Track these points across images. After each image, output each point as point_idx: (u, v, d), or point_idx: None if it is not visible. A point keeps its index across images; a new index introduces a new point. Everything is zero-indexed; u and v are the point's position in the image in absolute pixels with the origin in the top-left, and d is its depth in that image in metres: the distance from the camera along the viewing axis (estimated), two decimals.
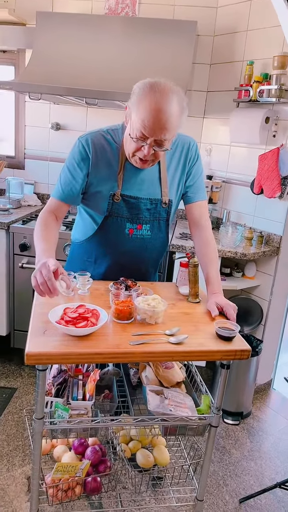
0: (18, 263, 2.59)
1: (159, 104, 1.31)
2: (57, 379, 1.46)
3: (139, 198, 1.54)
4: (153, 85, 1.33)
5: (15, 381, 2.65)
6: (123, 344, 1.18)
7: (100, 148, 1.50)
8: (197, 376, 1.56)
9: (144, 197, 1.55)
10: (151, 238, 1.60)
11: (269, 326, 2.70)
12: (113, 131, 1.53)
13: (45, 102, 3.01)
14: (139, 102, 1.33)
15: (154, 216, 1.58)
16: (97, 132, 1.52)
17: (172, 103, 1.32)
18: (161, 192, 1.57)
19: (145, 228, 1.58)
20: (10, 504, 1.81)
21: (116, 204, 1.53)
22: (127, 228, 1.56)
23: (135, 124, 1.35)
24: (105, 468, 1.52)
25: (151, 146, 1.37)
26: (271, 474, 2.14)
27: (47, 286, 1.22)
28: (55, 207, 1.55)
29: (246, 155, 2.73)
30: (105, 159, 1.50)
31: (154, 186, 1.56)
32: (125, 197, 1.53)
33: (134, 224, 1.56)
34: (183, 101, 1.37)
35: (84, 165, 1.50)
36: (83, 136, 1.51)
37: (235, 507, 1.93)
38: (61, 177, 1.54)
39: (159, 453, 1.59)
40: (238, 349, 1.24)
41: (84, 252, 1.65)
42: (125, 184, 1.53)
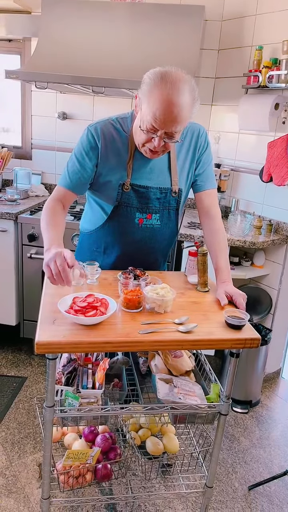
0: (27, 253, 2.60)
1: (170, 96, 1.27)
2: (67, 368, 1.47)
3: (148, 187, 1.53)
4: (164, 75, 1.30)
5: (25, 370, 2.68)
6: (132, 333, 1.18)
7: (109, 137, 1.48)
8: (206, 365, 1.56)
9: (154, 186, 1.54)
10: (160, 227, 1.59)
11: (278, 315, 2.69)
12: (122, 119, 1.51)
13: (51, 91, 2.99)
14: (150, 93, 1.30)
15: (164, 206, 1.57)
16: (106, 121, 1.50)
17: (184, 94, 1.29)
18: (171, 181, 1.56)
19: (154, 218, 1.57)
20: (22, 491, 1.84)
21: (126, 194, 1.52)
22: (137, 217, 1.55)
23: (145, 116, 1.33)
24: (115, 456, 1.54)
25: (161, 138, 1.35)
26: (280, 461, 2.15)
27: (61, 276, 1.22)
28: (62, 196, 1.54)
29: (255, 143, 2.69)
30: (114, 148, 1.49)
31: (163, 175, 1.55)
32: (135, 187, 1.52)
33: (144, 214, 1.55)
34: (195, 91, 1.34)
35: (93, 155, 1.48)
36: (92, 125, 1.50)
37: (244, 494, 1.94)
38: (69, 165, 1.52)
39: (168, 441, 1.61)
40: (247, 338, 1.23)
41: (93, 242, 1.65)
42: (134, 173, 1.51)
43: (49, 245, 1.34)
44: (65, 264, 1.22)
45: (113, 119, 1.51)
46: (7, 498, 1.81)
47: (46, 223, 1.45)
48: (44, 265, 1.25)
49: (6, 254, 2.63)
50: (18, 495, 1.82)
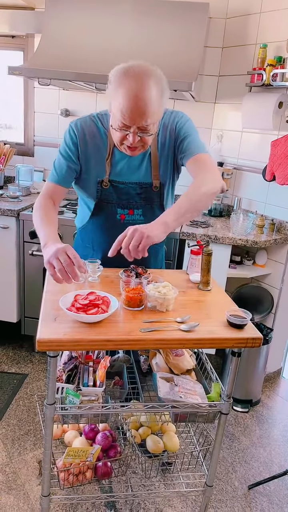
0: (28, 250, 2.60)
1: (135, 91, 1.26)
2: (68, 366, 1.47)
3: (128, 183, 1.52)
4: (127, 71, 1.29)
5: (26, 367, 2.68)
6: (134, 331, 1.18)
7: (89, 133, 1.49)
8: (207, 364, 1.56)
9: (133, 181, 1.53)
10: (144, 223, 1.45)
11: (280, 315, 2.68)
12: (102, 115, 1.52)
13: (54, 88, 2.98)
14: (115, 91, 1.29)
15: (146, 201, 1.56)
16: (87, 117, 1.52)
17: (149, 87, 1.27)
18: (152, 176, 1.54)
19: (137, 213, 1.56)
20: (21, 487, 1.84)
21: (105, 190, 1.52)
22: (119, 213, 1.55)
23: (115, 114, 1.33)
24: (115, 453, 1.54)
25: (135, 134, 1.34)
26: (280, 461, 2.14)
27: (65, 272, 1.21)
28: (51, 191, 1.55)
29: (258, 141, 2.68)
30: (94, 144, 1.50)
31: (144, 170, 1.53)
32: (114, 183, 1.52)
33: (126, 210, 1.55)
34: (162, 81, 1.32)
35: (75, 149, 1.50)
36: (73, 121, 1.52)
37: (244, 493, 1.94)
38: (55, 162, 1.55)
39: (168, 439, 1.60)
40: (249, 337, 1.23)
41: (84, 238, 1.66)
42: (113, 169, 1.51)
43: (45, 241, 1.32)
44: (68, 260, 1.20)
45: (93, 115, 1.53)
46: (7, 495, 1.81)
47: (40, 219, 1.45)
48: (45, 263, 1.24)
49: (8, 251, 2.63)
50: (18, 492, 1.82)
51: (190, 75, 2.31)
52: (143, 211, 1.57)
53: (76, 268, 1.21)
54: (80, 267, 1.22)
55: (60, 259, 1.21)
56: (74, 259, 1.21)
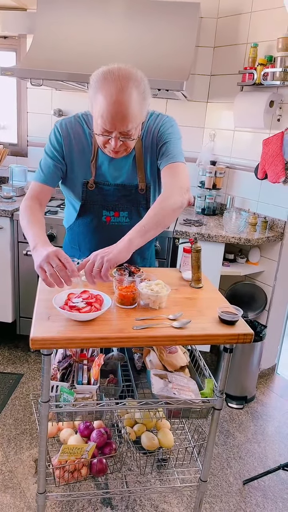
0: (23, 250, 2.61)
1: (114, 96, 1.24)
2: (62, 364, 1.48)
3: (113, 185, 1.52)
4: (106, 76, 1.27)
5: (21, 367, 2.69)
6: (127, 328, 1.20)
7: (74, 133, 1.48)
8: (200, 361, 1.57)
9: (119, 183, 1.52)
10: (130, 225, 1.44)
11: (273, 312, 2.71)
12: (87, 116, 1.51)
13: (47, 88, 2.99)
14: (95, 96, 1.29)
15: (132, 203, 1.55)
16: (72, 117, 1.51)
17: (128, 91, 1.25)
18: (138, 178, 1.53)
19: (122, 215, 1.56)
20: (18, 486, 1.85)
21: (91, 192, 1.52)
22: (104, 215, 1.55)
23: (96, 119, 1.33)
24: (110, 450, 1.55)
25: (117, 139, 1.33)
26: (275, 456, 2.17)
27: (57, 277, 1.18)
28: (38, 192, 1.52)
29: (250, 140, 2.70)
30: (78, 145, 1.49)
31: (129, 172, 1.52)
32: (99, 185, 1.51)
33: (111, 212, 1.54)
34: (142, 84, 1.30)
35: (60, 148, 1.49)
36: (58, 121, 1.51)
37: (239, 488, 1.96)
38: (41, 162, 1.53)
39: (163, 436, 1.62)
40: (241, 333, 1.25)
41: (71, 239, 1.66)
42: (98, 171, 1.51)
43: (34, 243, 1.29)
44: (60, 264, 1.18)
45: (79, 115, 1.52)
46: (4, 493, 1.82)
47: (27, 221, 1.42)
48: (36, 267, 1.21)
49: (2, 251, 2.64)
50: (14, 490, 1.83)
51: (182, 75, 2.32)
52: (128, 213, 1.56)
53: (68, 272, 1.19)
54: (73, 271, 1.20)
55: (51, 263, 1.18)
56: (67, 263, 1.19)
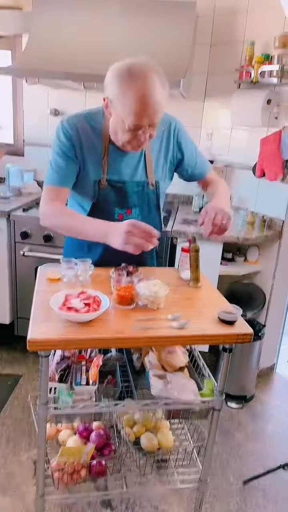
0: (20, 251, 2.59)
1: (144, 90, 1.27)
2: (60, 365, 1.47)
3: (125, 182, 1.52)
4: (130, 71, 1.28)
5: (20, 368, 2.68)
6: (126, 329, 1.18)
7: (82, 131, 1.47)
8: (199, 361, 1.56)
9: (130, 180, 1.53)
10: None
11: (272, 311, 2.70)
12: (94, 114, 1.50)
13: (43, 87, 2.97)
14: (122, 94, 1.29)
15: (143, 199, 1.56)
16: (79, 115, 1.49)
17: (155, 83, 1.28)
18: (147, 174, 1.54)
19: (134, 212, 1.56)
20: (17, 488, 1.84)
21: (103, 190, 1.51)
22: (116, 213, 1.54)
23: (125, 117, 1.32)
24: (109, 452, 1.54)
25: (147, 132, 1.35)
26: (275, 455, 2.16)
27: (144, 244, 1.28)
28: (56, 195, 1.49)
29: (248, 139, 2.69)
30: (89, 143, 1.47)
31: (139, 168, 1.54)
32: (112, 182, 1.51)
33: (123, 209, 1.54)
34: (161, 73, 1.33)
35: (71, 146, 1.47)
36: (64, 119, 1.48)
37: (239, 488, 1.95)
38: (52, 164, 1.50)
39: (163, 437, 1.61)
40: (240, 333, 1.24)
41: (75, 240, 1.61)
42: (110, 169, 1.50)
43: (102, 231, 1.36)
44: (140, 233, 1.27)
45: (85, 113, 1.50)
46: (3, 496, 1.81)
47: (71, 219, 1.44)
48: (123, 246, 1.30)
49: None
50: (13, 493, 1.82)
51: (179, 73, 2.31)
52: (140, 210, 1.57)
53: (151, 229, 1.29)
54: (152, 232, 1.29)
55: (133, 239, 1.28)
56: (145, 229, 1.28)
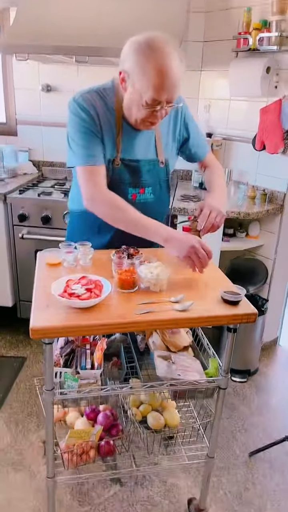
0: (18, 234, 2.56)
1: (165, 65, 1.24)
2: (65, 350, 1.47)
3: (139, 161, 1.49)
4: (150, 44, 1.25)
5: (24, 351, 2.69)
6: (129, 313, 1.17)
7: (99, 108, 1.41)
8: (203, 340, 1.56)
9: (143, 158, 1.50)
10: (154, 201, 1.56)
11: (274, 285, 2.69)
12: (105, 90, 1.43)
13: (33, 63, 2.86)
14: (142, 68, 1.25)
15: (155, 178, 1.54)
16: (91, 91, 1.42)
17: (175, 58, 1.26)
18: (157, 152, 1.53)
19: (147, 192, 1.53)
20: (28, 468, 1.88)
21: (117, 169, 1.47)
22: (130, 193, 1.51)
23: (143, 91, 1.28)
24: (117, 432, 1.56)
25: (164, 108, 1.32)
26: (279, 428, 2.20)
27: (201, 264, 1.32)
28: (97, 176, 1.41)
29: (247, 110, 2.61)
30: (105, 120, 1.42)
31: (150, 146, 1.52)
32: (126, 161, 1.47)
33: (137, 188, 1.51)
34: (180, 51, 1.30)
35: (93, 122, 1.40)
36: (78, 96, 1.41)
37: (245, 460, 1.99)
38: (79, 143, 1.40)
39: (169, 415, 1.62)
40: (244, 313, 1.23)
41: (85, 222, 1.57)
42: (124, 147, 1.46)
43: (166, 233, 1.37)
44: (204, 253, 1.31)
45: (96, 89, 1.43)
46: (15, 474, 1.84)
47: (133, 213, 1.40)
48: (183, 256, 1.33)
49: None
50: (24, 473, 1.86)
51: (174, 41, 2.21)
52: (152, 188, 1.55)
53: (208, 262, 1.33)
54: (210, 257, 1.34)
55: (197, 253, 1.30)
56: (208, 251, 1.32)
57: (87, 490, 1.79)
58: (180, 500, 1.78)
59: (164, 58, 1.24)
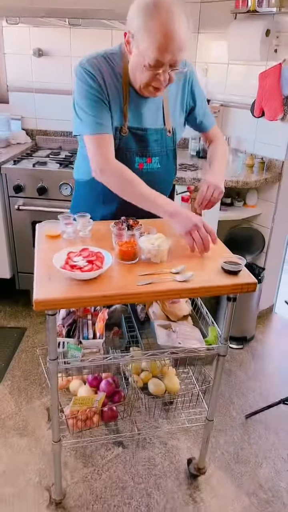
0: (14, 205, 2.53)
1: (170, 25, 1.20)
2: (67, 320, 1.49)
3: (146, 129, 1.47)
4: (156, 4, 1.20)
5: (24, 321, 2.73)
6: (130, 285, 1.18)
7: (106, 74, 1.37)
8: (202, 308, 1.59)
9: (150, 127, 1.48)
10: (160, 170, 1.55)
11: (271, 253, 2.71)
12: (112, 55, 1.39)
13: (24, 26, 2.75)
14: (147, 27, 1.21)
15: (162, 147, 1.52)
16: (98, 56, 1.37)
17: (182, 19, 1.22)
18: (164, 121, 1.50)
19: (154, 161, 1.52)
20: (32, 433, 1.95)
21: (124, 138, 1.44)
22: (137, 162, 1.49)
23: (147, 52, 1.24)
24: (119, 398, 1.61)
25: (167, 72, 1.28)
26: (275, 391, 2.27)
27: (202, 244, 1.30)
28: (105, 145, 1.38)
29: (246, 74, 2.55)
30: (112, 87, 1.38)
31: (157, 115, 1.49)
32: (133, 130, 1.45)
33: (144, 158, 1.49)
34: (188, 14, 1.26)
35: (100, 89, 1.36)
36: (84, 61, 1.36)
37: (242, 422, 2.07)
38: (86, 111, 1.37)
39: (169, 381, 1.68)
40: (244, 283, 1.24)
41: (91, 191, 1.56)
42: (131, 115, 1.43)
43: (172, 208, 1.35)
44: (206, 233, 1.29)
45: (103, 54, 1.38)
46: (20, 438, 1.91)
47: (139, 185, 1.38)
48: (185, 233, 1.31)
49: None
50: (29, 438, 1.92)
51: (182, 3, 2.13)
52: (159, 158, 1.53)
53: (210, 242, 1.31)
54: (214, 240, 1.33)
55: (199, 231, 1.29)
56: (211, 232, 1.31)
57: (90, 452, 1.86)
58: (180, 460, 1.86)
59: (170, 18, 1.20)
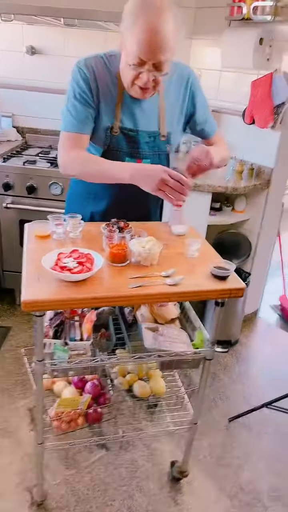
0: (2, 203, 2.50)
1: (153, 24, 1.21)
2: (54, 321, 1.48)
3: (138, 131, 1.47)
4: (144, 3, 1.22)
5: (8, 320, 2.69)
6: (120, 287, 1.18)
7: (99, 74, 1.39)
8: (190, 312, 1.60)
9: (143, 129, 1.48)
10: None
11: (258, 259, 2.74)
12: (110, 56, 1.42)
13: (17, 23, 2.72)
14: (132, 25, 1.22)
15: (154, 150, 1.52)
16: (96, 57, 1.41)
17: (167, 20, 1.22)
18: (159, 125, 1.50)
19: (145, 163, 1.52)
20: (14, 435, 1.92)
21: (115, 137, 1.46)
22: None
23: (130, 49, 1.25)
24: (104, 400, 1.60)
25: (149, 72, 1.29)
26: (258, 395, 2.29)
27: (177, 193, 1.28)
28: (74, 143, 1.42)
29: (238, 81, 2.57)
30: (104, 87, 1.41)
31: (152, 118, 1.49)
32: (124, 130, 1.46)
33: (133, 159, 1.50)
34: (178, 17, 1.27)
35: (89, 91, 1.39)
36: (82, 61, 1.40)
37: (225, 425, 2.09)
38: (69, 109, 1.42)
39: (155, 384, 1.68)
40: (233, 288, 1.26)
41: (83, 188, 1.58)
42: (124, 116, 1.45)
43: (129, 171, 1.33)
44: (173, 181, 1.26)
45: (101, 55, 1.42)
46: (2, 438, 1.89)
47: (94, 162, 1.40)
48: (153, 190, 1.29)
49: None
50: (11, 439, 1.90)
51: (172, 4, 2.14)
52: (151, 161, 1.53)
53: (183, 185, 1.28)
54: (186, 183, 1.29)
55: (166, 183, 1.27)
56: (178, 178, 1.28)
57: (73, 454, 1.85)
58: (162, 463, 1.86)
59: (154, 18, 1.20)
